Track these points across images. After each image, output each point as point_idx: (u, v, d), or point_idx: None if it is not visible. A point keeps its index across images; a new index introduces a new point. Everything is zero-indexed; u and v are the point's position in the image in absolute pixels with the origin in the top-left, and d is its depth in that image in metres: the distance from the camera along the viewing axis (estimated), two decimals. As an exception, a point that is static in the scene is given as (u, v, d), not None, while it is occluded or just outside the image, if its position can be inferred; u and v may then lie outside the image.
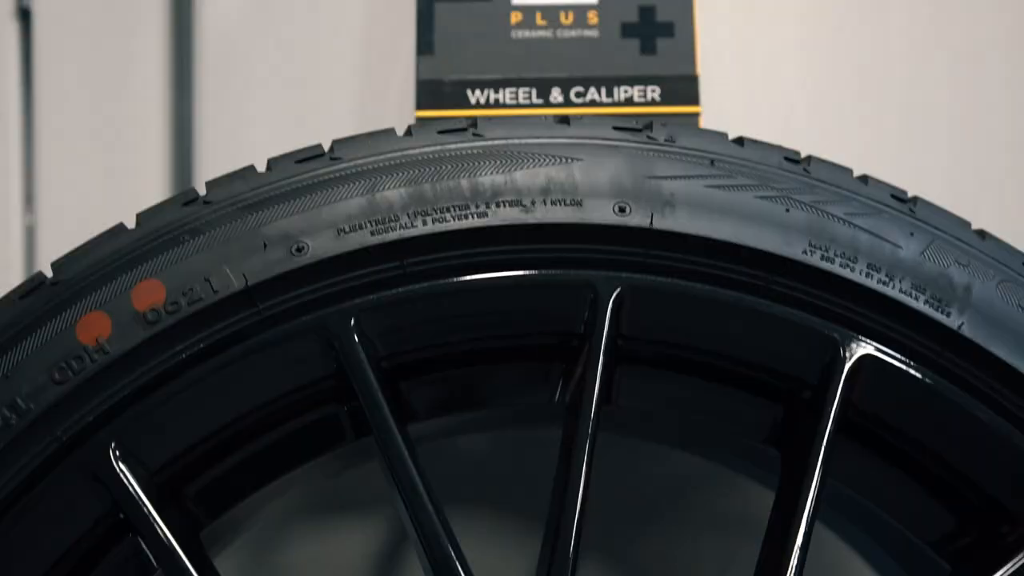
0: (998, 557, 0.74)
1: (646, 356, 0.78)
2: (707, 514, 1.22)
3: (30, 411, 0.71)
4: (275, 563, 1.19)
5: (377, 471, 1.18)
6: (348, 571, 1.20)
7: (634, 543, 1.22)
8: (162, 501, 0.73)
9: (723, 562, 1.19)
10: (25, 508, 0.71)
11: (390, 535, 1.21)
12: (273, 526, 1.19)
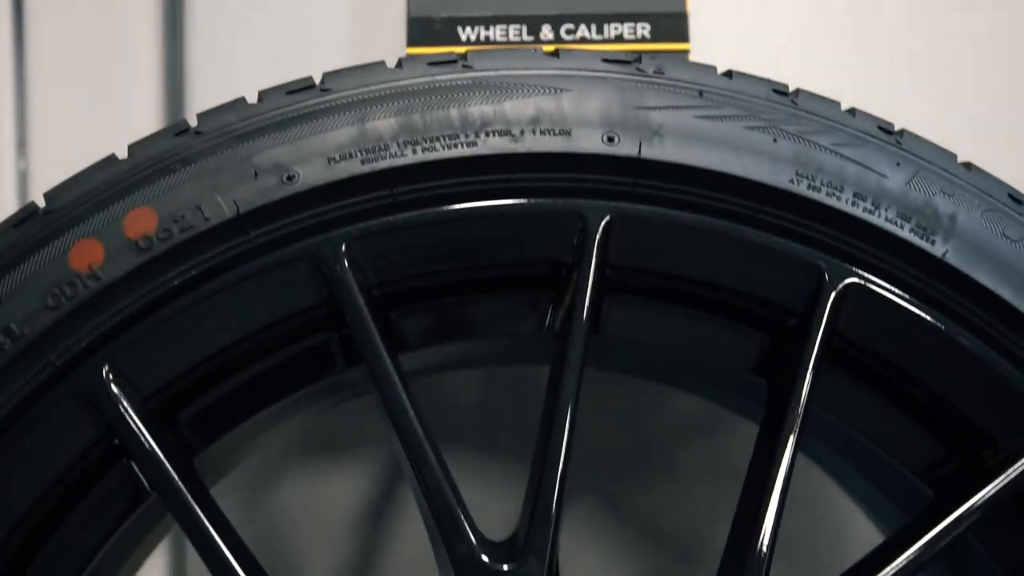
0: (979, 481, 0.75)
1: (634, 286, 0.79)
2: (697, 455, 1.24)
3: (24, 336, 0.72)
4: (268, 505, 1.20)
5: (369, 414, 1.20)
6: (341, 513, 1.21)
7: (624, 483, 1.24)
8: (155, 426, 0.74)
9: (712, 500, 1.21)
10: (19, 432, 0.72)
11: (383, 476, 1.22)
12: (265, 469, 1.21)
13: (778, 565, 0.74)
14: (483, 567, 0.71)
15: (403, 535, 1.21)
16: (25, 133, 1.23)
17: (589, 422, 1.20)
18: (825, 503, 1.17)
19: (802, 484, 1.11)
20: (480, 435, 1.18)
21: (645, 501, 1.24)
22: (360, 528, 1.21)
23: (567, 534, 0.73)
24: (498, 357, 1.02)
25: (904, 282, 0.75)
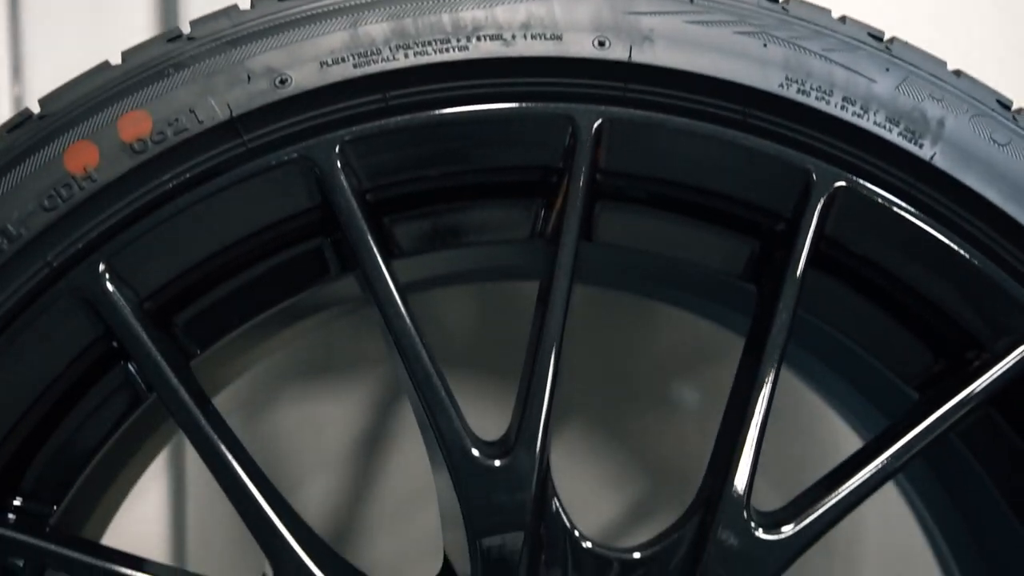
0: (962, 381, 0.76)
1: (625, 192, 0.80)
2: (688, 381, 1.25)
3: (21, 236, 0.72)
4: (263, 429, 1.21)
5: (365, 337, 1.21)
6: (336, 435, 1.23)
7: (615, 408, 1.25)
8: (152, 328, 0.75)
9: (701, 424, 1.22)
10: (18, 331, 0.73)
11: (378, 400, 1.23)
12: (260, 393, 1.22)
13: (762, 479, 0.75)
14: (475, 461, 0.73)
15: (398, 458, 1.22)
16: (19, 60, 1.23)
17: (579, 349, 1.22)
18: (811, 419, 1.19)
19: (789, 401, 1.13)
20: (472, 354, 1.19)
21: (636, 426, 1.26)
22: (355, 450, 1.23)
23: (557, 456, 0.75)
24: (489, 272, 1.03)
25: (892, 185, 0.76)
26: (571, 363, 1.17)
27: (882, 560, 1.27)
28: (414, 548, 1.19)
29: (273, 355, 1.15)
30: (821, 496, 0.74)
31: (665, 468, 1.25)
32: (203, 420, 0.73)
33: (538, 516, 0.73)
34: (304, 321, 1.00)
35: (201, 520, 1.22)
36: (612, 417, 1.25)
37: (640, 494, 1.26)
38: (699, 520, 0.74)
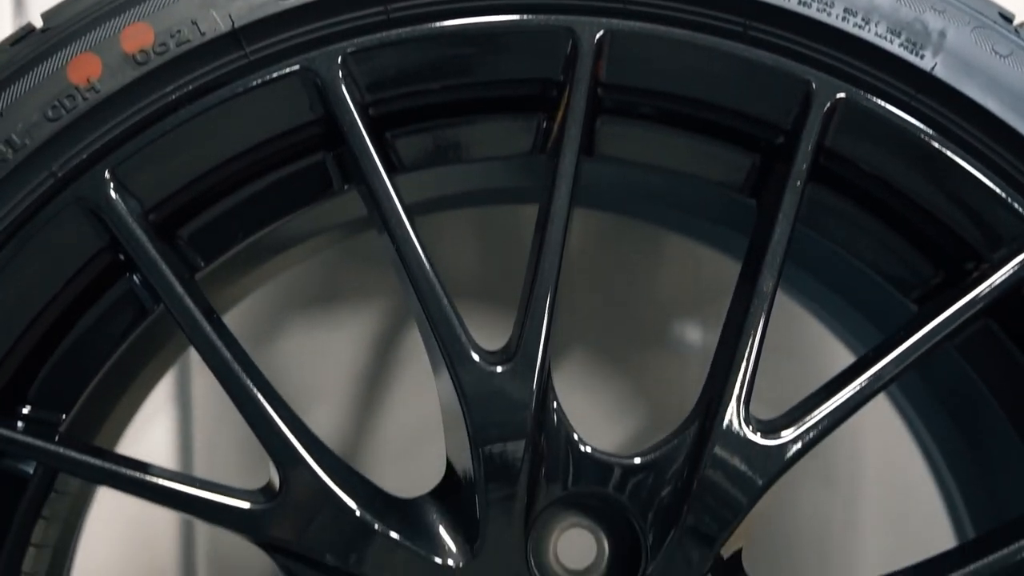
0: (961, 292, 0.76)
1: (626, 107, 0.80)
2: (690, 314, 1.26)
3: (26, 146, 0.73)
4: (267, 358, 1.23)
5: (368, 265, 1.22)
6: (341, 364, 1.24)
7: (615, 341, 1.26)
8: (157, 239, 0.75)
9: (703, 357, 1.23)
10: (24, 241, 0.74)
11: (382, 329, 1.24)
12: (264, 321, 1.23)
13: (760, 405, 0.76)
14: (476, 367, 0.73)
15: (402, 387, 1.23)
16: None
17: (581, 282, 1.23)
18: (810, 348, 1.19)
19: (785, 326, 1.13)
20: (472, 278, 1.20)
21: (637, 360, 1.27)
22: (359, 380, 1.24)
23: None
24: (490, 195, 1.04)
25: (892, 96, 0.76)
26: (572, 297, 1.18)
27: (883, 492, 1.28)
28: (418, 475, 1.20)
29: (276, 279, 1.16)
30: (819, 403, 0.75)
31: (665, 403, 1.26)
32: (209, 328, 0.74)
33: (539, 422, 0.74)
34: (304, 245, 1.01)
35: (208, 439, 1.23)
36: (613, 351, 1.26)
37: (638, 427, 1.27)
38: (698, 426, 0.75)
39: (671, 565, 0.75)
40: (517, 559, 0.75)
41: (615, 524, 0.78)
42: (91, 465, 0.73)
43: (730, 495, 0.74)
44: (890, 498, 1.27)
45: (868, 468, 1.27)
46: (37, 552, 0.83)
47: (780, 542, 1.28)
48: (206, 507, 0.73)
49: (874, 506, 1.27)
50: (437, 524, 0.77)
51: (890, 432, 1.16)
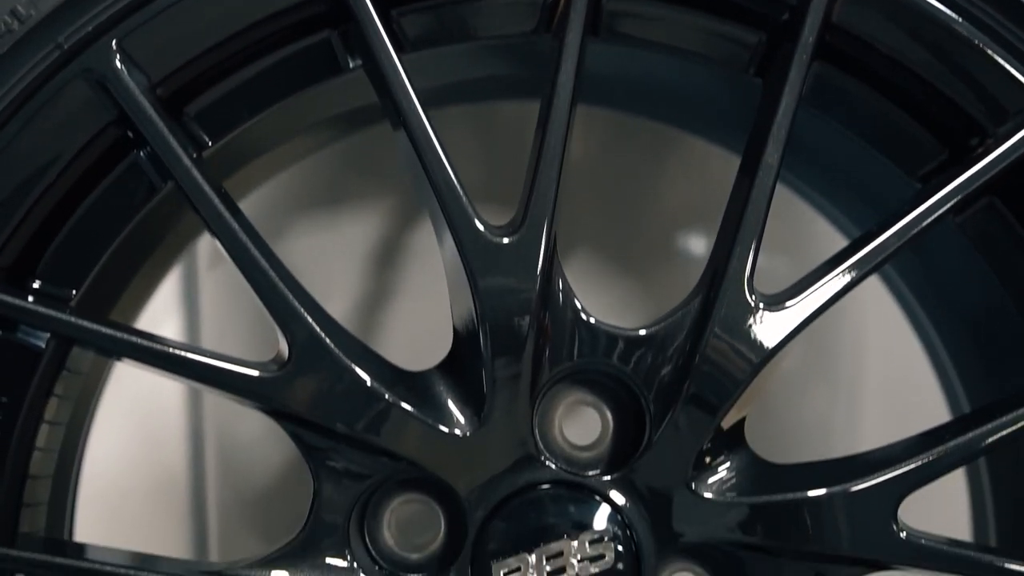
0: (965, 167, 0.77)
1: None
2: (694, 207, 1.26)
3: (31, 17, 0.73)
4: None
5: (373, 160, 1.21)
6: (348, 259, 1.24)
7: (619, 231, 1.27)
8: (165, 115, 0.75)
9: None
10: (30, 114, 0.74)
11: (389, 224, 1.25)
12: (271, 217, 1.23)
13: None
14: (482, 238, 0.74)
15: (410, 281, 1.24)
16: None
17: (583, 190, 1.23)
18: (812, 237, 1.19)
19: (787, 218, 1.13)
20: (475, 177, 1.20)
21: (641, 265, 1.27)
22: (368, 273, 1.24)
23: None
24: (493, 87, 1.04)
25: (897, -35, 0.76)
26: (576, 204, 1.18)
27: (885, 393, 1.29)
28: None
29: (276, 179, 1.16)
30: (823, 274, 0.75)
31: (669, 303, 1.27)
32: (217, 200, 0.74)
33: (544, 293, 0.75)
34: (305, 138, 1.01)
35: (215, 344, 1.24)
36: (617, 259, 1.27)
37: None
38: (703, 297, 0.75)
39: (674, 436, 0.76)
40: (523, 429, 0.77)
41: (619, 399, 0.79)
42: (102, 334, 0.74)
43: (733, 364, 0.75)
44: (892, 398, 1.28)
45: (870, 369, 1.28)
46: (50, 429, 0.84)
47: (783, 444, 1.29)
48: (217, 375, 0.74)
49: (876, 406, 1.28)
50: (444, 396, 0.78)
51: (892, 333, 1.17)
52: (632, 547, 0.77)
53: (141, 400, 1.27)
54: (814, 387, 1.29)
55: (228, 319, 1.25)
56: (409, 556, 0.81)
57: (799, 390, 1.28)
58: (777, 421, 1.27)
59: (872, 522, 0.74)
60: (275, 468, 1.32)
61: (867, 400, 1.28)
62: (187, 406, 1.30)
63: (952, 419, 0.83)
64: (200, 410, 1.31)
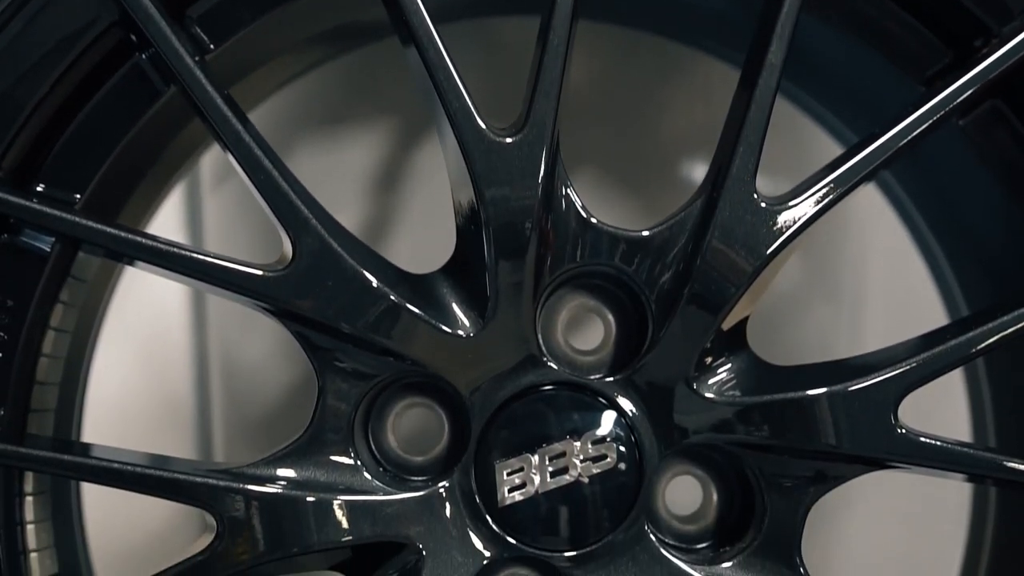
0: (968, 68, 0.76)
1: None
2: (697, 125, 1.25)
3: (30, -86, 0.73)
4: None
5: (377, 81, 1.21)
6: (353, 179, 1.24)
7: (627, 159, 1.27)
8: (168, 15, 0.75)
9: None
10: (31, 16, 0.74)
11: (393, 143, 1.25)
12: (274, 136, 1.23)
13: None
14: (485, 138, 0.74)
15: (413, 202, 1.24)
16: None
17: (585, 112, 1.22)
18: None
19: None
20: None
21: (645, 190, 1.27)
22: (372, 193, 1.24)
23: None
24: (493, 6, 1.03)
25: None
26: (577, 126, 1.18)
27: (888, 310, 1.30)
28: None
29: (277, 96, 1.16)
30: (826, 175, 0.75)
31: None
32: (220, 100, 0.74)
33: (547, 192, 0.75)
34: (306, 53, 1.01)
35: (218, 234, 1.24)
36: (620, 184, 1.27)
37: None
38: (706, 197, 0.75)
39: (676, 337, 0.77)
40: (527, 329, 0.77)
41: (622, 303, 0.80)
42: (107, 233, 0.74)
43: (736, 264, 0.75)
44: (894, 315, 1.28)
45: (872, 285, 1.28)
46: (56, 336, 0.85)
47: (785, 360, 1.30)
48: (223, 274, 0.74)
49: (879, 323, 1.29)
50: (448, 298, 0.78)
51: (895, 249, 1.17)
52: (634, 448, 0.78)
53: (145, 323, 1.28)
54: (816, 304, 1.30)
55: (231, 240, 1.26)
56: (413, 459, 0.82)
57: (802, 307, 1.29)
58: (779, 338, 1.28)
59: (871, 420, 0.75)
60: (280, 390, 1.32)
61: (869, 316, 1.29)
62: (191, 330, 1.31)
63: (952, 322, 0.84)
64: (205, 333, 1.31)
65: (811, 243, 1.27)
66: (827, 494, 0.77)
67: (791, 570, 0.77)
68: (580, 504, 0.77)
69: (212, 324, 1.28)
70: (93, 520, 0.99)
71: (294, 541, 0.75)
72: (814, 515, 0.79)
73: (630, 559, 0.78)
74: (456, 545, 0.78)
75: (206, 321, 1.29)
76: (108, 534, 1.04)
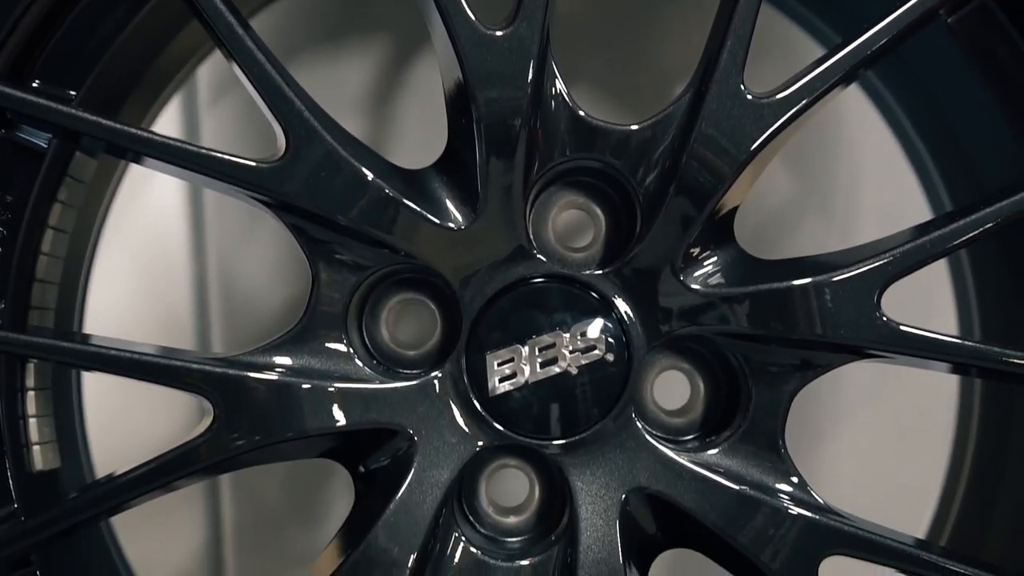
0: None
1: None
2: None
3: None
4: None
5: None
6: (350, 94, 1.25)
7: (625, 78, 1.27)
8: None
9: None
10: None
11: (389, 57, 1.25)
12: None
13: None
14: (476, 31, 0.74)
15: (410, 114, 1.25)
16: None
17: (579, 45, 1.22)
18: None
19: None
20: None
21: (638, 93, 1.27)
22: (368, 106, 1.25)
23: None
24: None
25: None
26: (570, 58, 1.18)
27: (879, 217, 1.31)
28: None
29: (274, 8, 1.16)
30: (812, 69, 0.76)
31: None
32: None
33: (538, 87, 0.76)
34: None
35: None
36: (617, 98, 1.27)
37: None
38: (695, 91, 0.76)
39: (663, 229, 0.78)
40: (517, 223, 0.78)
41: (611, 200, 0.81)
42: (103, 126, 0.75)
43: (723, 155, 0.76)
44: (886, 227, 1.29)
45: (863, 198, 1.29)
46: (55, 236, 0.86)
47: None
48: (219, 166, 0.75)
49: (870, 236, 1.29)
50: (440, 191, 0.79)
51: (887, 165, 1.18)
52: (622, 339, 0.79)
53: (144, 231, 1.29)
54: (808, 219, 1.31)
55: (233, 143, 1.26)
56: (406, 353, 0.83)
57: (793, 223, 1.30)
58: (772, 251, 1.29)
59: (854, 309, 0.76)
60: (279, 310, 1.34)
61: (860, 229, 1.30)
62: (190, 239, 1.32)
63: (938, 216, 0.85)
64: (203, 243, 1.33)
65: (803, 157, 1.28)
66: (813, 382, 0.79)
67: (775, 454, 0.79)
68: (569, 394, 0.79)
69: (210, 233, 1.30)
70: (93, 417, 1.01)
71: (288, 426, 0.77)
72: (803, 431, 0.81)
73: (618, 447, 0.80)
74: (447, 433, 0.80)
75: (204, 231, 1.31)
76: (107, 432, 1.06)
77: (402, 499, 0.78)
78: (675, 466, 0.79)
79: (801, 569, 0.77)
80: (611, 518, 0.79)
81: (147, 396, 1.24)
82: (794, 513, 0.78)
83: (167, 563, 1.38)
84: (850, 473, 1.30)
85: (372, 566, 0.78)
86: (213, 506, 1.38)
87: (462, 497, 0.83)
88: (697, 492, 0.78)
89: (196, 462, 0.76)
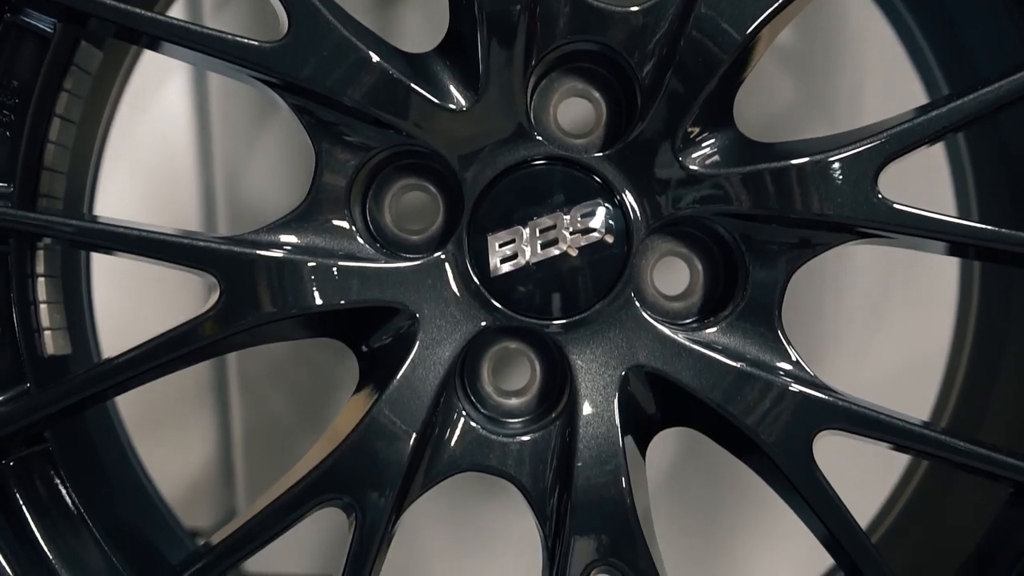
0: None
1: None
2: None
3: None
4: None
5: None
6: None
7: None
8: None
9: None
10: None
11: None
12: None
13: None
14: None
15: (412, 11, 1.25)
16: None
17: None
18: None
19: None
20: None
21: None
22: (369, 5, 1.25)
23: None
24: None
25: None
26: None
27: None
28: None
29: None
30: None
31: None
32: None
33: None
34: None
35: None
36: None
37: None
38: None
39: (663, 111, 0.78)
40: (518, 106, 0.79)
41: (611, 83, 0.82)
42: (111, 7, 0.76)
43: (722, 35, 0.76)
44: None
45: (869, 107, 1.29)
46: (63, 125, 0.86)
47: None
48: (224, 45, 0.76)
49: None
50: (442, 74, 0.80)
51: (893, 71, 1.18)
52: (622, 221, 0.80)
53: (150, 154, 1.30)
54: (812, 124, 1.31)
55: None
56: (410, 237, 0.84)
57: (796, 126, 1.30)
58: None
59: (851, 188, 0.77)
60: (283, 212, 1.35)
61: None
62: (197, 160, 1.33)
63: (935, 99, 0.85)
64: (211, 167, 1.34)
65: (806, 62, 1.28)
66: (811, 259, 0.80)
67: (771, 331, 0.80)
68: (569, 274, 0.80)
69: (216, 138, 1.31)
70: (102, 309, 1.03)
71: (293, 303, 0.79)
72: (815, 299, 0.81)
73: (617, 326, 0.81)
74: (449, 312, 0.81)
75: (211, 135, 1.32)
76: (116, 323, 1.07)
77: (405, 375, 0.80)
78: (673, 344, 0.80)
79: (795, 444, 0.79)
80: (610, 395, 0.80)
81: (156, 288, 1.26)
82: (789, 388, 0.79)
83: (179, 470, 1.41)
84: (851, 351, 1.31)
85: (376, 439, 0.80)
86: (223, 413, 1.41)
87: (464, 378, 0.85)
88: (694, 369, 0.80)
89: (203, 338, 0.78)
